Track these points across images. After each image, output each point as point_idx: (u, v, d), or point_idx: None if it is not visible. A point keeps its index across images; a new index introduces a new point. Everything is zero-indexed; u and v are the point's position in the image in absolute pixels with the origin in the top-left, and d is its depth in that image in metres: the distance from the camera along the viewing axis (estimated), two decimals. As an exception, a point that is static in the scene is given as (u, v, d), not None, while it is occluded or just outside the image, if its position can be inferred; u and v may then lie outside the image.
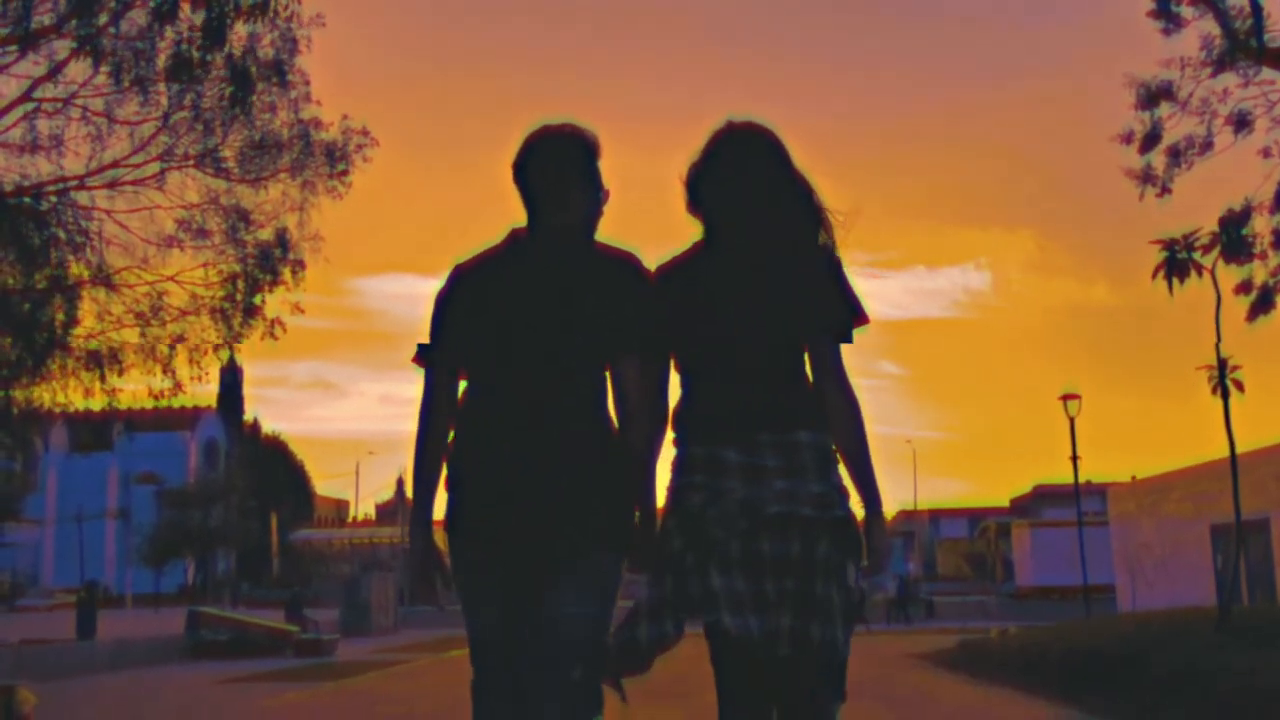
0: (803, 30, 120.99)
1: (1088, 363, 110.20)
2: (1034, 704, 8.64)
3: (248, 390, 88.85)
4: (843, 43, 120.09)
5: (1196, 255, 9.43)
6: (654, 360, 2.86)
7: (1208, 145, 14.82)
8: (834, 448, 2.82)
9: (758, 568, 2.67)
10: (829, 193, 2.98)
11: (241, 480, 60.50)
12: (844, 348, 2.84)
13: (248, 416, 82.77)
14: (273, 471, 69.91)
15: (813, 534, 2.69)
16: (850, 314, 2.84)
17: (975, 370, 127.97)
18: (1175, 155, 14.81)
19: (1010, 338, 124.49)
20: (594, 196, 2.92)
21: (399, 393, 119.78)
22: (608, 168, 2.94)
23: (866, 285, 2.98)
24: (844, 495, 2.81)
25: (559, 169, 2.87)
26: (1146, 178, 14.82)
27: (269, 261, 17.05)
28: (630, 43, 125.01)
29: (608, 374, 2.84)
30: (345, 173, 17.48)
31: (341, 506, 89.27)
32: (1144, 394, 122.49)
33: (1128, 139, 14.85)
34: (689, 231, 2.95)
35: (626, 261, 2.89)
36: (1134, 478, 33.98)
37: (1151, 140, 14.79)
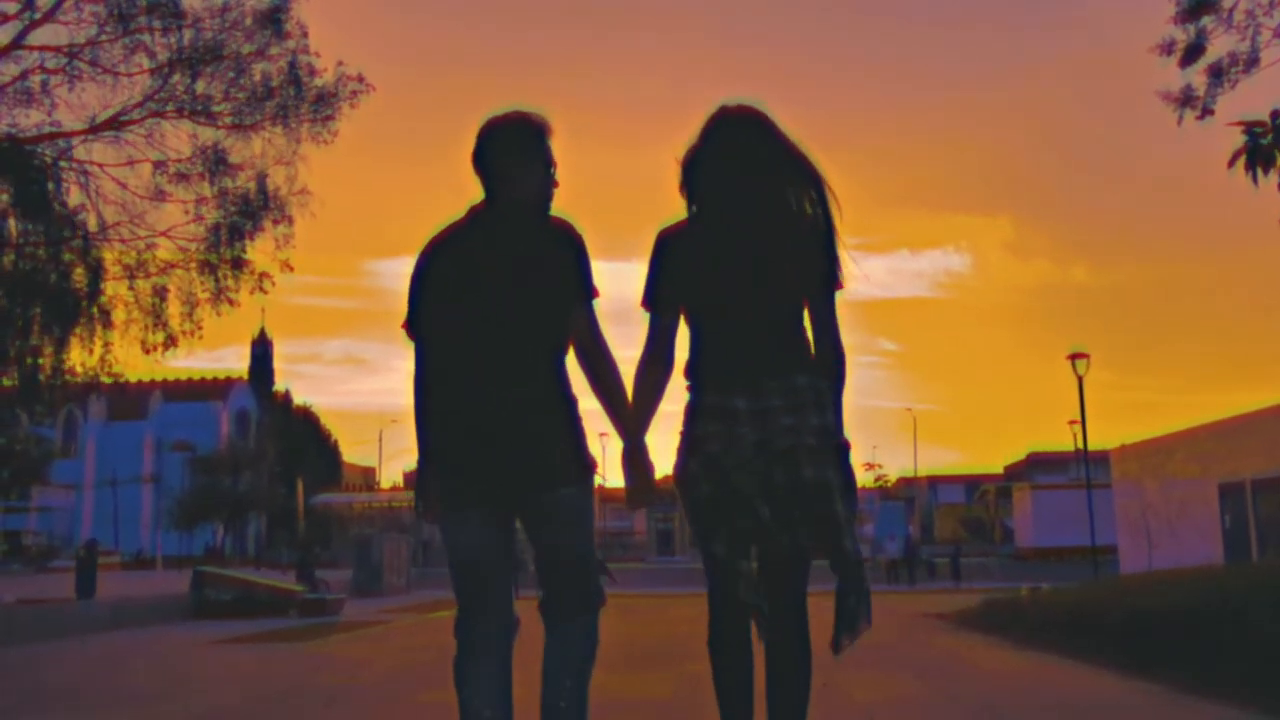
0: (797, 28, 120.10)
1: (1065, 340, 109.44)
2: (1099, 674, 6.75)
3: (283, 366, 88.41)
4: (833, 42, 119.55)
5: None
6: (661, 313, 2.96)
7: (1253, 61, 12.83)
8: (826, 389, 2.93)
9: (773, 496, 2.81)
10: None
11: (271, 447, 59.97)
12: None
13: (278, 387, 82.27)
14: (302, 440, 69.39)
15: (822, 460, 2.83)
16: (833, 276, 2.95)
17: (959, 347, 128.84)
18: (1218, 74, 12.88)
19: (990, 316, 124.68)
20: (545, 172, 3.05)
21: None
22: (609, 155, 2.87)
23: (855, 266, 2.98)
24: (840, 428, 2.96)
25: (510, 150, 3.01)
26: (1186, 99, 12.91)
27: (249, 209, 15.78)
28: (639, 32, 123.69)
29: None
30: (330, 118, 16.26)
31: (368, 473, 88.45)
32: (1122, 369, 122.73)
33: (1168, 49, 12.91)
34: (675, 213, 3.06)
35: (566, 228, 3.03)
36: (1122, 445, 32.51)
37: (1194, 52, 12.85)
